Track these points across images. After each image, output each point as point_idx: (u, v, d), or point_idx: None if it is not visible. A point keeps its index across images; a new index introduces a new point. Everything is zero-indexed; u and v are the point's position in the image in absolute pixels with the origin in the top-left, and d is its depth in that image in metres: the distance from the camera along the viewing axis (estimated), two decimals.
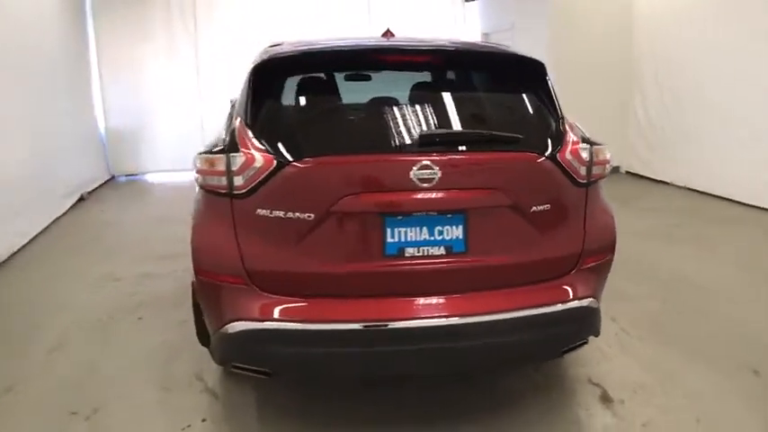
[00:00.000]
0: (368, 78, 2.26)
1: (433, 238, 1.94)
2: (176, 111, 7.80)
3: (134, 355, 2.93)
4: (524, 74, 2.22)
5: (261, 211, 1.90)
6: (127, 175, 7.71)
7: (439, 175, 1.87)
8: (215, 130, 7.65)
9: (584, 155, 2.09)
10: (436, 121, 2.01)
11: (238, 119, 2.06)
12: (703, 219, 5.44)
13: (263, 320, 1.91)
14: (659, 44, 6.63)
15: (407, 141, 1.95)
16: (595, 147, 2.13)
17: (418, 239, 1.93)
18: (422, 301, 1.96)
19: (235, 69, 7.96)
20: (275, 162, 1.87)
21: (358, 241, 1.94)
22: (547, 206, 2.03)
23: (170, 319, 3.31)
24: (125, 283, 3.90)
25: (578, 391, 2.57)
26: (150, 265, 4.22)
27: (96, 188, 6.94)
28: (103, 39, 7.35)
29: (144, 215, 5.93)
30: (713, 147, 5.95)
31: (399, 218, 1.92)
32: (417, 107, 2.04)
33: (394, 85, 2.18)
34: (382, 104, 2.08)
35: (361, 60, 2.26)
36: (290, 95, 2.10)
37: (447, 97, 2.11)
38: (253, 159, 1.89)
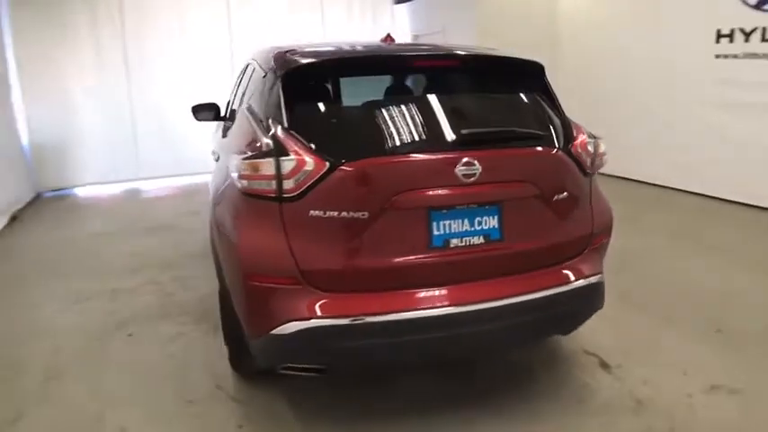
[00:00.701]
0: (398, 82, 2.37)
1: (473, 229, 2.10)
2: (105, 120, 7.33)
3: (140, 372, 2.83)
4: (528, 75, 2.44)
5: (314, 212, 1.96)
6: (54, 191, 7.16)
7: (480, 170, 2.04)
8: (151, 137, 7.05)
9: (590, 148, 2.34)
10: (467, 121, 2.18)
11: (274, 123, 2.09)
12: (628, 201, 6.04)
13: (322, 318, 1.97)
14: (582, 46, 7.22)
15: (448, 140, 2.10)
16: (597, 140, 2.39)
17: (460, 231, 2.08)
18: (466, 287, 2.11)
19: (169, 74, 7.89)
20: (327, 164, 1.94)
21: (406, 236, 2.05)
22: (565, 194, 2.26)
23: (163, 333, 3.22)
24: (97, 302, 3.71)
25: (578, 361, 2.84)
26: (114, 281, 4.04)
27: (25, 206, 6.41)
28: (22, 47, 6.74)
29: (85, 231, 5.57)
30: (629, 139, 6.54)
31: (444, 211, 2.06)
32: (446, 108, 2.19)
33: (418, 88, 2.31)
34: (416, 106, 2.20)
35: (389, 65, 2.37)
36: (326, 99, 2.17)
37: (469, 98, 2.29)
38: (303, 163, 1.94)
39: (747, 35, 5.20)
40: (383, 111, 2.18)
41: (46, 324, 3.42)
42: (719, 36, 5.46)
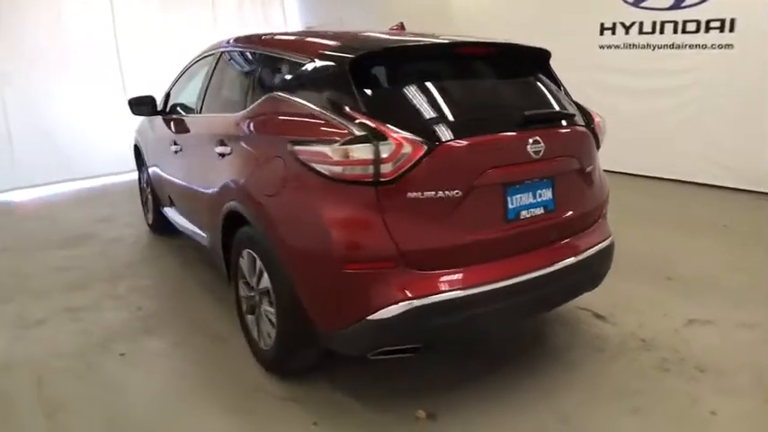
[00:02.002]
0: (455, 68, 2.42)
1: (535, 201, 2.28)
2: None
3: (162, 391, 2.57)
4: (542, 61, 2.67)
5: (411, 194, 1.99)
6: None
7: (543, 147, 2.23)
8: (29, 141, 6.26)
9: (602, 125, 2.65)
10: (521, 103, 2.36)
11: (351, 109, 2.06)
12: None
13: (425, 296, 1.99)
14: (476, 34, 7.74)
15: (515, 120, 2.24)
16: (603, 119, 2.71)
17: (527, 203, 2.25)
18: (534, 254, 2.29)
19: (49, 74, 6.96)
20: (425, 147, 1.98)
21: (488, 211, 2.16)
22: (591, 167, 2.55)
23: (158, 349, 2.95)
24: (55, 325, 3.24)
25: (578, 316, 3.17)
26: (62, 300, 3.55)
27: None
28: None
29: None
30: None
31: (517, 186, 2.21)
32: (503, 91, 2.35)
33: (472, 73, 2.40)
34: (478, 90, 2.31)
35: (449, 52, 2.44)
36: (396, 84, 2.18)
37: (513, 82, 2.47)
38: (401, 146, 1.96)
39: (627, 28, 6.06)
40: (453, 94, 2.25)
41: (6, 356, 2.91)
42: (603, 29, 6.28)
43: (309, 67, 2.32)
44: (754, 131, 5.34)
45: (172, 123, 3.80)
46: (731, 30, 5.34)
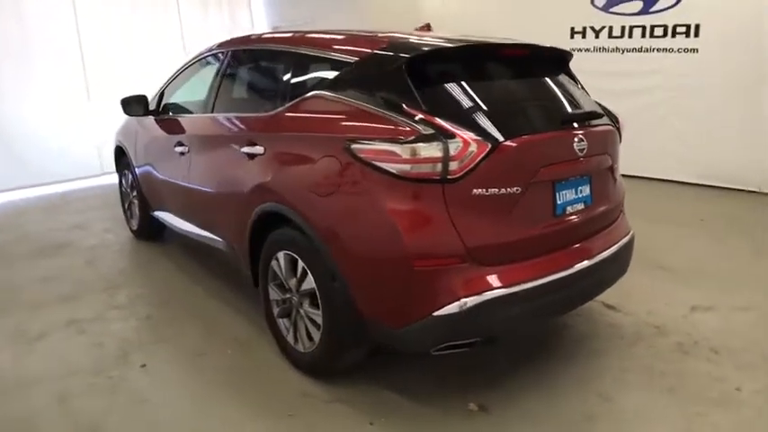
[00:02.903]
0: (503, 69, 2.46)
1: (577, 197, 2.37)
2: None
3: (199, 401, 2.48)
4: (565, 63, 2.77)
5: (476, 191, 2.03)
6: None
7: (586, 145, 2.32)
8: None
9: (622, 123, 2.78)
10: (563, 102, 2.44)
11: (411, 107, 2.07)
12: None
13: (491, 290, 2.04)
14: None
15: (561, 119, 2.33)
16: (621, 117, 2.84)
17: (571, 198, 2.34)
18: (579, 247, 2.38)
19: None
20: (489, 145, 2.02)
21: (541, 206, 2.24)
22: (617, 164, 2.67)
23: (180, 356, 2.85)
24: (61, 337, 3.06)
25: (588, 307, 3.28)
26: (62, 312, 3.36)
27: None
28: None
29: None
30: None
31: (563, 182, 2.29)
32: (546, 91, 2.42)
33: (517, 73, 2.45)
34: (526, 89, 2.37)
35: (498, 53, 2.48)
36: (453, 83, 2.20)
37: (551, 82, 2.54)
38: (468, 144, 2.00)
39: (597, 32, 6.34)
40: (502, 94, 2.31)
41: (16, 373, 2.73)
42: (573, 33, 6.54)
43: (358, 66, 2.31)
44: (718, 130, 5.71)
45: (174, 123, 3.66)
46: (696, 35, 5.69)
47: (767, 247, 4.19)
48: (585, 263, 2.37)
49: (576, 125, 2.38)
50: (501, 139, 2.06)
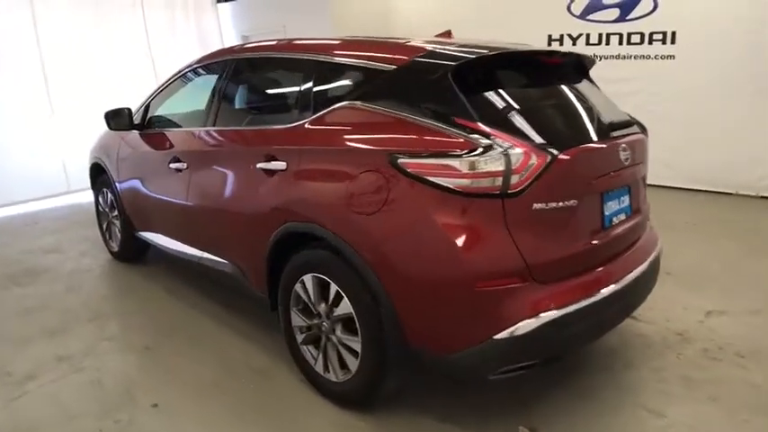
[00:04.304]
0: (542, 77, 2.37)
1: (620, 207, 2.32)
2: None
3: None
4: (587, 70, 2.72)
5: (536, 206, 1.93)
6: None
7: (629, 154, 2.27)
8: None
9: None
10: (602, 111, 2.37)
11: (461, 118, 1.95)
12: None
13: (552, 309, 1.93)
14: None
15: (605, 128, 2.26)
16: None
17: (616, 209, 2.28)
18: (625, 257, 2.32)
19: None
20: (549, 156, 1.93)
21: (591, 218, 2.16)
22: (645, 174, 2.63)
23: (194, 391, 2.61)
24: (53, 377, 2.76)
25: None
26: (47, 347, 3.06)
27: None
28: None
29: None
30: None
31: (610, 193, 2.23)
32: (583, 100, 2.34)
33: (555, 82, 2.37)
34: (569, 98, 2.29)
35: (539, 62, 2.39)
36: (499, 92, 2.09)
37: (586, 90, 2.48)
38: (529, 155, 1.89)
39: (574, 39, 6.42)
40: (548, 102, 2.22)
41: (7, 422, 2.42)
42: (551, 40, 6.60)
43: (397, 74, 2.17)
44: (696, 134, 5.85)
45: (167, 138, 3.42)
46: (672, 42, 5.83)
47: (760, 248, 4.29)
48: (633, 274, 2.30)
49: (620, 134, 2.32)
50: (558, 149, 1.97)
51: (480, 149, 1.87)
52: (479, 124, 1.94)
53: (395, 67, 2.18)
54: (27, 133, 6.51)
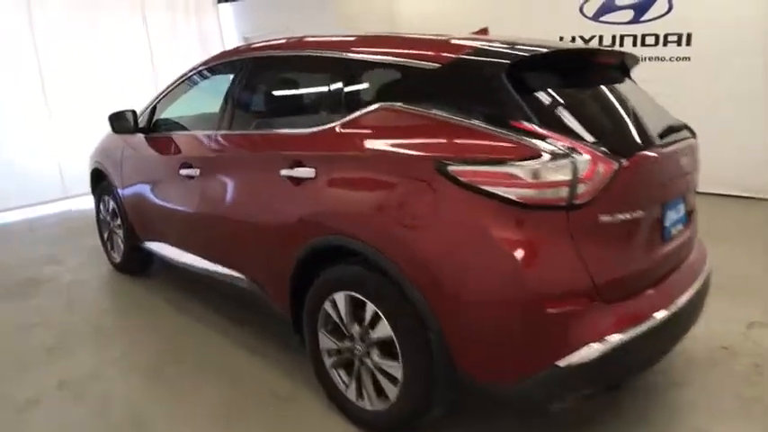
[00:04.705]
0: (595, 77, 2.18)
1: (678, 217, 2.14)
2: None
3: None
4: (629, 71, 2.54)
5: (603, 218, 1.75)
6: None
7: (687, 161, 2.11)
8: None
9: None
10: (656, 114, 2.20)
11: (520, 120, 1.76)
12: None
13: (622, 330, 1.75)
14: None
15: (663, 132, 2.08)
16: None
17: (674, 219, 2.10)
18: (683, 270, 2.15)
19: None
20: (616, 163, 1.74)
21: (654, 230, 1.98)
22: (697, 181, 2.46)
23: (212, 419, 2.38)
24: (57, 404, 2.54)
25: None
26: (50, 369, 2.83)
27: None
28: None
29: None
30: None
31: (670, 202, 2.05)
32: (637, 102, 2.17)
33: (606, 82, 2.18)
34: (621, 99, 2.10)
35: (594, 61, 2.21)
36: (557, 92, 1.91)
37: (636, 92, 2.31)
38: (596, 163, 1.71)
39: (587, 41, 6.26)
40: (608, 104, 2.04)
41: None
42: (562, 41, 6.45)
43: (441, 73, 1.97)
44: (711, 137, 5.68)
45: (177, 142, 3.21)
46: (688, 43, 5.69)
47: None
48: (691, 289, 2.13)
49: (676, 138, 2.15)
50: (623, 156, 1.79)
51: (546, 156, 1.68)
52: (538, 128, 1.75)
53: (439, 65, 1.98)
54: (23, 136, 6.29)
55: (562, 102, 1.94)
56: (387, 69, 2.17)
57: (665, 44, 5.84)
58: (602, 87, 2.18)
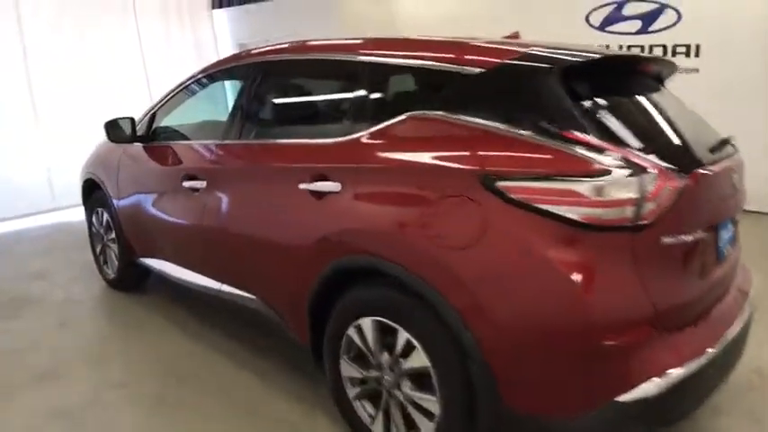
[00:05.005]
0: (645, 86, 2.03)
1: (728, 236, 1.99)
2: None
3: None
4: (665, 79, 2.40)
5: (666, 240, 1.59)
6: None
7: (737, 177, 1.98)
8: None
9: None
10: (702, 127, 2.06)
11: (576, 131, 1.60)
12: None
13: (686, 362, 1.61)
14: None
15: (713, 147, 1.93)
16: None
17: (726, 239, 1.95)
18: (734, 293, 2.01)
19: None
20: (681, 181, 1.59)
21: (710, 251, 1.83)
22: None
23: None
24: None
25: None
26: (39, 397, 2.59)
27: None
28: None
29: None
30: None
31: (722, 221, 1.91)
32: (683, 114, 2.03)
33: (647, 91, 2.04)
34: (669, 111, 1.95)
35: (640, 68, 2.07)
36: (611, 101, 1.77)
37: (680, 103, 2.16)
38: (664, 179, 1.56)
39: None
40: (655, 116, 1.89)
41: None
42: None
43: (485, 79, 1.80)
44: None
45: (180, 152, 3.01)
46: (697, 55, 5.62)
47: None
48: (743, 313, 1.99)
49: (726, 154, 2.00)
50: (686, 172, 1.64)
51: (614, 172, 1.52)
52: (596, 140, 1.59)
53: (481, 70, 1.81)
54: (9, 144, 6.04)
55: (613, 111, 1.79)
56: (420, 74, 2.01)
57: (673, 55, 5.75)
58: (646, 97, 2.04)
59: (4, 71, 6.01)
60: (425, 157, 1.83)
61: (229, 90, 2.78)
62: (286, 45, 2.62)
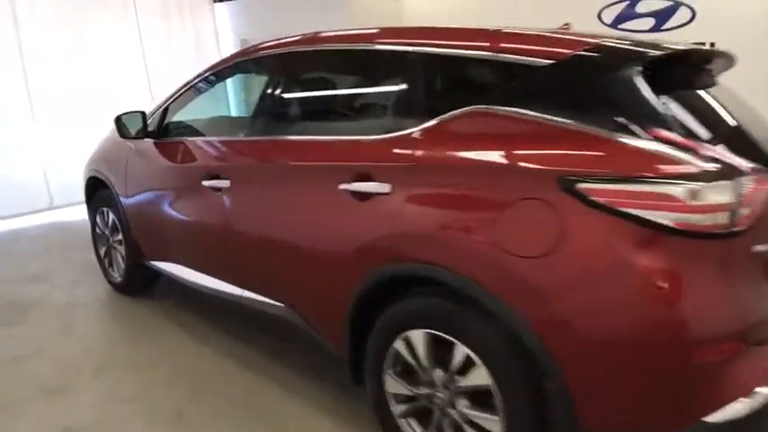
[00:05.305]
0: (706, 82, 1.88)
1: None
2: None
3: None
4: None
5: (758, 247, 1.48)
6: None
7: None
8: None
9: None
10: (759, 121, 1.92)
11: (658, 129, 1.46)
12: None
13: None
14: None
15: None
16: None
17: None
18: None
19: None
20: None
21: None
22: None
23: None
24: None
25: None
26: (50, 411, 2.41)
27: None
28: None
29: None
30: None
31: None
32: (743, 109, 1.89)
33: (708, 88, 1.90)
34: (736, 107, 1.81)
35: (704, 63, 1.88)
36: (697, 99, 1.65)
37: (735, 97, 2.02)
38: (760, 183, 1.44)
39: None
40: (729, 114, 1.75)
41: None
42: None
43: (556, 71, 1.65)
44: None
45: (198, 148, 2.83)
46: None
47: None
48: None
49: None
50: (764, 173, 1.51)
51: (708, 173, 1.38)
52: (683, 139, 1.46)
53: (551, 62, 1.66)
54: (5, 142, 5.81)
55: (696, 109, 1.66)
56: (480, 66, 1.84)
57: None
58: (713, 93, 1.90)
59: (1, 76, 5.81)
60: (493, 156, 1.67)
61: (254, 83, 2.58)
62: (324, 34, 2.44)
